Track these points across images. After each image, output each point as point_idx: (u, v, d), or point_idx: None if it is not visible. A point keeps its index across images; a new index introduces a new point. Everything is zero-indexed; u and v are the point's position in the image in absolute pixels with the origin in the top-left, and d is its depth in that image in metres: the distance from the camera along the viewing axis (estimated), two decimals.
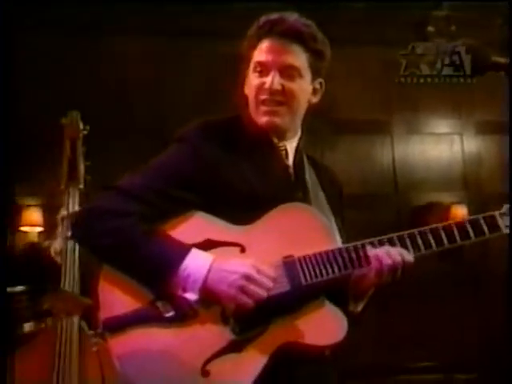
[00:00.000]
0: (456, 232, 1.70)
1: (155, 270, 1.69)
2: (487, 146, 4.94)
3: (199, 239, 1.73)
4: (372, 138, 4.85)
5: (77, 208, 2.69)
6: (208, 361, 1.67)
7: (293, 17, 1.81)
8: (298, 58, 1.78)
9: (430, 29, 4.68)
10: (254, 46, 1.80)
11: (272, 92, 1.76)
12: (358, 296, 1.81)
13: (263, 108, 1.78)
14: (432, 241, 1.69)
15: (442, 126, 5.12)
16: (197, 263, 1.69)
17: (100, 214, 1.71)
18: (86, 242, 1.79)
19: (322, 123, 3.92)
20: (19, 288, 3.25)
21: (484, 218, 1.70)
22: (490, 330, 4.52)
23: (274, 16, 1.80)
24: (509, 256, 2.41)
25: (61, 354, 2.46)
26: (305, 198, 1.85)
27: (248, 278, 1.66)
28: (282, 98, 1.77)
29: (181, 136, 1.76)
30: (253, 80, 1.80)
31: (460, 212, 4.43)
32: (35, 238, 4.21)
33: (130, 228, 1.69)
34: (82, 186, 2.65)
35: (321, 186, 1.93)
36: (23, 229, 4.24)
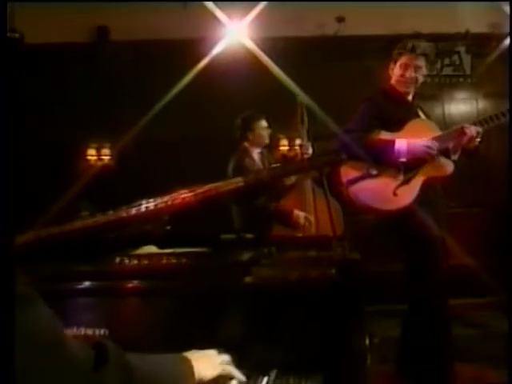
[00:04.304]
0: (494, 117, 2.76)
1: (382, 153, 2.64)
2: (492, 106, 5.95)
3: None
4: (432, 104, 5.97)
5: (305, 135, 4.09)
6: (395, 189, 2.75)
7: (416, 42, 2.86)
8: (422, 62, 2.94)
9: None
10: (401, 55, 2.91)
11: (412, 79, 2.93)
12: (455, 152, 2.89)
13: (407, 84, 2.95)
14: (489, 121, 2.76)
15: (466, 93, 6.30)
16: (401, 144, 2.75)
17: (344, 139, 2.84)
18: (344, 151, 2.78)
19: None
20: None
21: (502, 113, 2.68)
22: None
23: (411, 43, 2.88)
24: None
25: (306, 198, 3.87)
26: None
27: (428, 146, 2.78)
28: (413, 81, 2.97)
29: (366, 99, 2.98)
30: (401, 71, 2.84)
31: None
32: (285, 152, 6.09)
33: (361, 139, 2.75)
34: (306, 126, 4.04)
35: (426, 117, 3.05)
36: (280, 148, 6.06)
